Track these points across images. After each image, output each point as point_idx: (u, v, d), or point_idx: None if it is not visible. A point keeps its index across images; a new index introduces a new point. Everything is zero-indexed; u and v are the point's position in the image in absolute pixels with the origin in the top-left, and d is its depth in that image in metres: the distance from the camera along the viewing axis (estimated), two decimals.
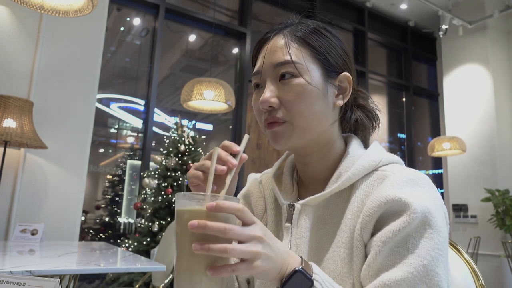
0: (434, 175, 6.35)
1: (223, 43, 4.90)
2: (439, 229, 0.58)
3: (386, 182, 0.63)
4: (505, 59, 5.58)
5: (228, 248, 0.46)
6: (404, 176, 0.62)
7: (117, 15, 4.28)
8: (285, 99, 0.65)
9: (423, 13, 5.92)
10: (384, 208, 0.59)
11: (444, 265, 0.57)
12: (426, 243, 0.56)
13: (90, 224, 3.99)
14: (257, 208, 0.79)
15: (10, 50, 2.65)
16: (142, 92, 4.11)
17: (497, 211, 4.73)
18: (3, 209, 2.52)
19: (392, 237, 0.57)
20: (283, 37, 0.68)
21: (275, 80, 0.67)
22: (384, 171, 0.66)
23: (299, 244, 0.67)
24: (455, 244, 0.86)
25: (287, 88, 0.65)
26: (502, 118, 5.26)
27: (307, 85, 0.65)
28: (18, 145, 2.50)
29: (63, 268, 1.49)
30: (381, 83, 6.15)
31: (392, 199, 0.59)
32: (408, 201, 0.57)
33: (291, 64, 0.65)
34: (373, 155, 0.68)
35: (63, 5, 2.03)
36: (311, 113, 0.65)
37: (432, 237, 0.56)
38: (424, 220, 0.57)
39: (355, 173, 0.66)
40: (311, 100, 0.65)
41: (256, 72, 0.71)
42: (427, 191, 0.61)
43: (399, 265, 0.55)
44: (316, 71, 0.67)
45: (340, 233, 0.65)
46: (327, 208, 0.68)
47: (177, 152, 3.41)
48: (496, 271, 4.80)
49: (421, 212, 0.57)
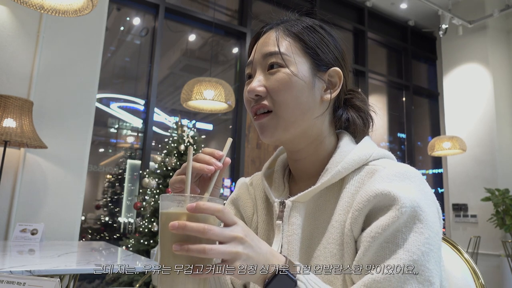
0: (434, 174, 6.35)
1: (223, 43, 4.90)
2: (430, 223, 0.57)
3: (376, 176, 0.62)
4: (505, 59, 5.58)
5: (206, 248, 0.46)
6: (394, 170, 0.62)
7: (117, 15, 4.27)
8: (271, 88, 0.67)
9: (423, 13, 5.92)
10: (373, 202, 0.59)
11: (436, 260, 0.56)
12: (416, 237, 0.55)
13: (90, 224, 3.99)
14: (245, 210, 0.80)
15: (10, 50, 2.65)
16: (142, 91, 4.11)
17: (497, 211, 4.73)
18: (3, 209, 2.51)
19: (381, 232, 0.56)
20: (276, 31, 0.71)
21: (263, 70, 0.69)
22: (375, 165, 0.66)
23: (291, 241, 0.67)
24: (455, 244, 0.86)
25: (273, 77, 0.67)
26: (502, 118, 5.26)
27: (292, 76, 0.66)
28: (18, 145, 2.50)
29: (63, 268, 1.49)
30: (381, 83, 6.15)
31: (381, 192, 0.58)
32: (397, 195, 0.56)
33: (278, 55, 0.67)
34: (363, 149, 0.68)
35: (63, 5, 2.03)
36: (295, 104, 0.66)
37: (422, 231, 0.55)
38: (414, 215, 0.56)
39: (345, 167, 0.66)
40: (296, 91, 0.66)
41: (248, 62, 0.73)
42: (418, 185, 0.61)
43: (389, 261, 0.55)
44: (304, 64, 0.68)
45: (330, 229, 0.65)
46: (318, 204, 0.68)
47: (177, 152, 3.41)
48: (496, 270, 4.80)
49: (410, 206, 0.56)
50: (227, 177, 4.52)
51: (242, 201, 0.81)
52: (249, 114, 0.72)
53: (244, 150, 4.42)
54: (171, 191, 0.61)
